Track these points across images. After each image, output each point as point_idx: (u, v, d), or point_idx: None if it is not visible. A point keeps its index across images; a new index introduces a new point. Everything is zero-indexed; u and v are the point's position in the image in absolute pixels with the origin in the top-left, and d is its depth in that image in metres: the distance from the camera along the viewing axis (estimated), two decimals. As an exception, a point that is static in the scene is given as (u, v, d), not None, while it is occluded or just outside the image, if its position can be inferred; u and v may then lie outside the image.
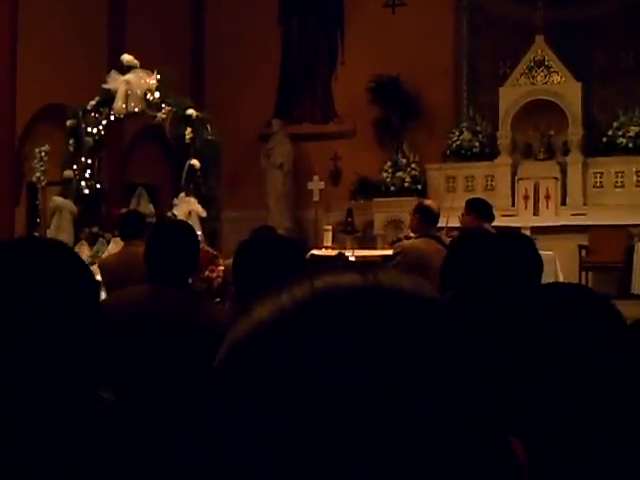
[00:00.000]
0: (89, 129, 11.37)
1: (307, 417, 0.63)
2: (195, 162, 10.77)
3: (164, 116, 11.02)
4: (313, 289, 0.68)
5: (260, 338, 0.67)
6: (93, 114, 11.38)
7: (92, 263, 9.76)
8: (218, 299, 7.12)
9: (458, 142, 15.52)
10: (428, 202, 7.99)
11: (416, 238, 7.41)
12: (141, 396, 3.20)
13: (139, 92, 10.96)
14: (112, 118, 11.40)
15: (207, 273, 8.27)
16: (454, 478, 0.64)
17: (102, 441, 1.64)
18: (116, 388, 3.07)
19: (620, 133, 14.69)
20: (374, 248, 13.55)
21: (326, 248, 12.17)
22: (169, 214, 10.43)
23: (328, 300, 0.67)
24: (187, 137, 10.84)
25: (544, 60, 14.99)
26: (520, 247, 3.72)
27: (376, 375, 0.64)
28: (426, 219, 7.38)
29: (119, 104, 10.99)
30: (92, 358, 1.61)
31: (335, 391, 0.63)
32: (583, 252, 13.87)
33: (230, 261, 7.12)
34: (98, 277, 8.34)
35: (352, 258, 10.10)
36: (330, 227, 13.16)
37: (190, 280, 4.04)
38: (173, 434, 2.92)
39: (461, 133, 15.56)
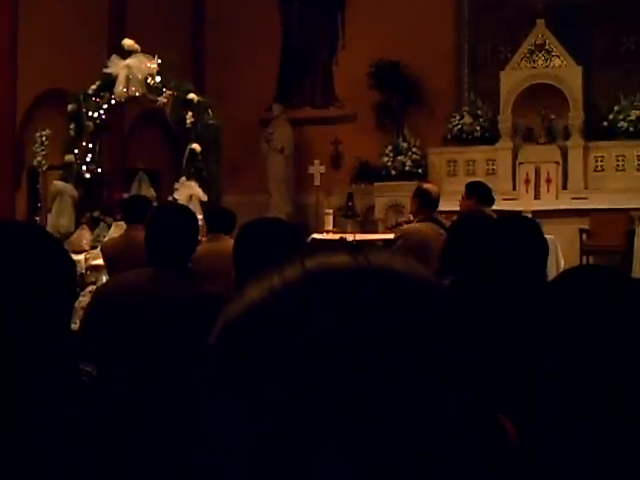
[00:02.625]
0: (90, 113, 11.34)
1: (297, 397, 0.64)
2: (196, 146, 10.76)
3: (165, 100, 11.00)
4: (304, 270, 0.69)
5: (251, 318, 0.68)
6: (94, 98, 11.36)
7: (94, 247, 9.80)
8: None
9: (459, 126, 15.50)
10: (427, 185, 7.95)
11: (417, 222, 7.38)
12: (141, 377, 3.22)
13: (140, 76, 10.93)
14: (113, 102, 11.38)
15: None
16: (443, 455, 0.65)
17: (96, 419, 1.65)
18: (116, 369, 3.09)
19: (621, 117, 14.66)
20: (375, 232, 13.55)
21: (327, 232, 12.18)
22: (170, 198, 10.44)
23: (318, 280, 0.68)
24: (188, 121, 10.83)
25: (545, 44, 14.94)
26: (523, 231, 3.70)
27: (365, 355, 0.64)
28: (425, 202, 7.34)
29: (120, 88, 10.97)
30: (69, 333, 1.63)
31: (325, 371, 0.64)
32: (584, 236, 13.87)
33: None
34: (100, 261, 8.38)
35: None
36: (331, 211, 13.15)
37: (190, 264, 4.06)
38: (170, 415, 2.94)
39: (462, 117, 15.53)
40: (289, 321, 0.66)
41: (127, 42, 11.25)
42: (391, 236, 8.16)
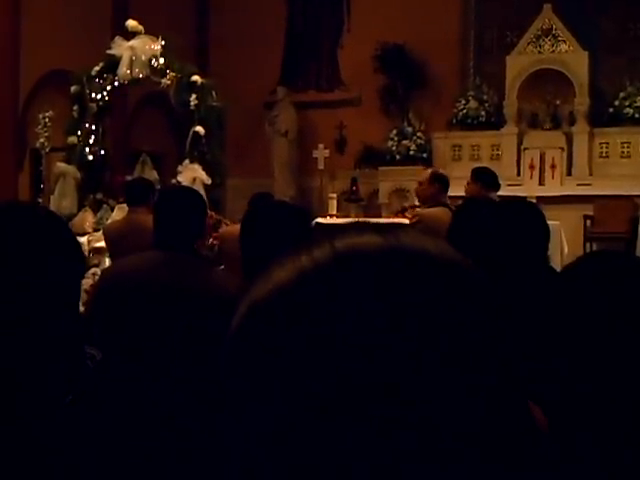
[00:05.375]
0: (93, 95, 11.33)
1: (327, 380, 0.62)
2: (200, 129, 10.73)
3: (169, 82, 10.97)
4: (334, 251, 0.67)
5: (280, 300, 0.66)
6: (97, 80, 11.34)
7: (96, 229, 9.79)
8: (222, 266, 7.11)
9: (464, 111, 15.49)
10: (442, 170, 8.06)
11: (429, 207, 7.41)
12: (150, 361, 3.20)
13: (144, 58, 10.90)
14: (116, 84, 11.35)
15: (211, 240, 8.26)
16: (475, 441, 0.63)
17: (109, 401, 1.64)
18: (125, 353, 3.06)
19: (627, 103, 14.66)
20: (379, 217, 13.54)
21: (331, 216, 12.19)
22: (173, 181, 10.42)
23: (349, 261, 0.66)
24: (192, 104, 10.80)
25: (551, 29, 14.92)
26: (524, 214, 3.73)
27: (398, 337, 0.63)
28: (444, 187, 7.50)
29: (123, 70, 10.94)
30: (77, 318, 1.62)
31: (356, 353, 0.62)
32: (588, 222, 13.89)
33: (227, 230, 7.11)
34: (102, 243, 8.37)
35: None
36: (335, 195, 13.16)
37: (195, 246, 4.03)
38: (182, 399, 2.92)
39: (467, 102, 15.52)
40: (319, 303, 0.64)
41: (131, 23, 11.22)
42: (396, 220, 8.15)
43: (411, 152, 15.51)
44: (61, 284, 1.58)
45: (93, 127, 11.45)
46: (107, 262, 8.14)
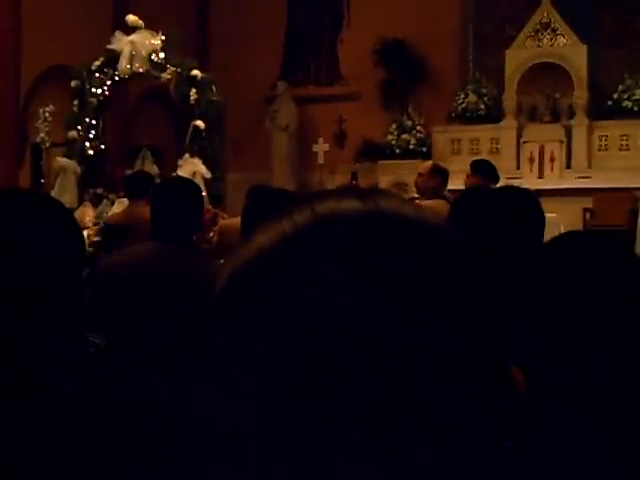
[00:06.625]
0: (93, 90, 11.31)
1: (308, 345, 0.62)
2: (200, 123, 10.73)
3: (169, 77, 10.96)
4: (314, 214, 0.68)
5: (261, 264, 0.67)
6: (97, 75, 11.32)
7: (96, 224, 9.78)
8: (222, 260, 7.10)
9: (464, 105, 15.46)
10: (442, 164, 8.11)
11: (428, 199, 7.40)
12: (148, 351, 3.22)
13: (144, 53, 10.89)
14: (116, 79, 11.34)
15: (211, 234, 8.26)
16: (453, 399, 0.64)
17: (110, 389, 1.65)
18: (124, 342, 3.08)
19: (625, 96, 14.63)
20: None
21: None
22: (173, 175, 10.41)
23: (329, 225, 0.67)
24: (192, 98, 10.80)
25: (550, 22, 14.90)
26: (520, 201, 3.73)
27: (376, 300, 0.63)
28: (444, 181, 7.59)
29: (123, 65, 10.93)
30: (80, 305, 1.62)
31: (337, 316, 0.63)
32: (587, 215, 13.87)
33: (226, 222, 7.10)
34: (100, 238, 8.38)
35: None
36: (335, 190, 13.10)
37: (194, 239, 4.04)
38: (178, 391, 2.94)
39: (466, 96, 15.49)
40: (300, 267, 0.65)
41: (131, 18, 11.20)
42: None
43: (411, 146, 15.49)
44: (62, 271, 1.58)
45: (93, 122, 11.42)
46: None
